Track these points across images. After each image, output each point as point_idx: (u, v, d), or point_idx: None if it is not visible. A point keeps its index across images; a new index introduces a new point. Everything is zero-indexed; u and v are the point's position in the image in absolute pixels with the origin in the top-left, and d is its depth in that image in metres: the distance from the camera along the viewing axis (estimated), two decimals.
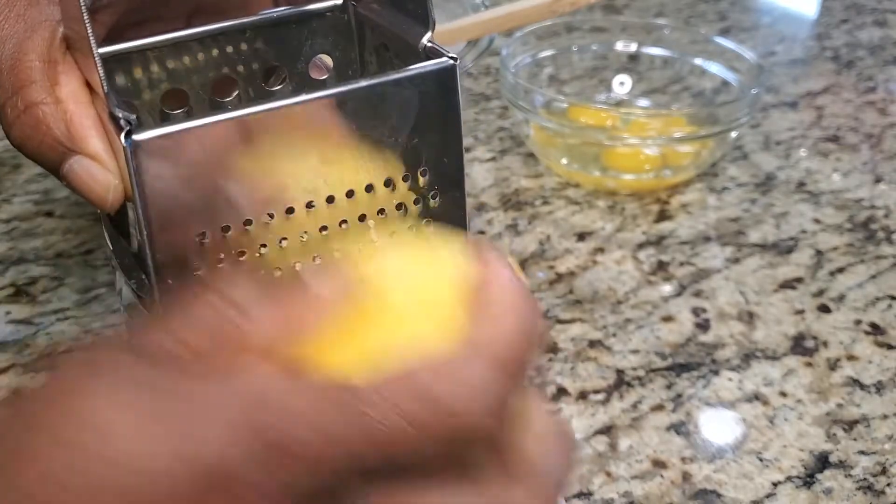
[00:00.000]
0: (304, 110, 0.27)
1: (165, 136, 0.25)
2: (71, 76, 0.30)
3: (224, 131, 0.26)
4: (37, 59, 0.29)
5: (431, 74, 0.28)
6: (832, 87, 0.80)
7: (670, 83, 0.74)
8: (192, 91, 0.33)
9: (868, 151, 0.70)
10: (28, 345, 0.50)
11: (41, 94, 0.29)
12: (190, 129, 0.26)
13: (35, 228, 0.60)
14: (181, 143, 0.26)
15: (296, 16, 0.34)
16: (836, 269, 0.57)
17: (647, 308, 0.53)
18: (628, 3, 0.96)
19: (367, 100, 0.28)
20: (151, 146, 0.25)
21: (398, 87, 0.28)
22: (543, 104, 0.66)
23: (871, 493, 0.42)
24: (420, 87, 0.28)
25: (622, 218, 0.62)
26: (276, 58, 0.34)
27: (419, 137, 0.29)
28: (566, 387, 0.47)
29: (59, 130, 0.29)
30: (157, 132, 0.25)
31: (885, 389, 0.48)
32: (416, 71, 0.28)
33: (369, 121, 0.28)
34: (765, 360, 0.50)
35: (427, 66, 0.28)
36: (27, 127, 0.29)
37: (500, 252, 0.24)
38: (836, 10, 0.97)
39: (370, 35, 0.34)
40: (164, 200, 0.26)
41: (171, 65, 0.33)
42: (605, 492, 0.42)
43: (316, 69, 0.35)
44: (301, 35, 0.34)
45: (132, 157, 0.25)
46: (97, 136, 0.29)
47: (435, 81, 0.28)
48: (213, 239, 0.27)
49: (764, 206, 0.63)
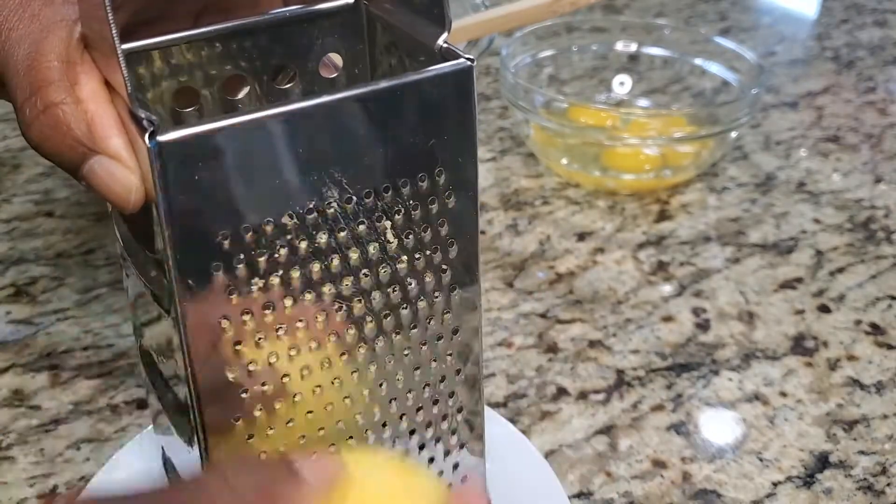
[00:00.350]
0: (330, 109, 0.27)
1: (190, 137, 0.26)
2: (90, 76, 0.30)
3: (248, 131, 0.26)
4: (55, 59, 0.29)
5: (449, 76, 0.28)
6: (832, 88, 0.80)
7: (670, 83, 0.74)
8: (202, 89, 0.33)
9: (868, 151, 0.70)
10: (28, 345, 0.50)
11: (61, 94, 0.29)
12: (213, 129, 0.26)
13: (35, 228, 0.60)
14: (204, 144, 0.26)
15: (307, 14, 0.34)
16: (837, 270, 0.57)
17: (648, 308, 0.53)
18: (628, 3, 0.96)
19: (386, 100, 0.28)
20: (175, 147, 0.25)
21: (417, 89, 0.28)
22: (543, 104, 0.66)
23: (870, 493, 0.42)
24: (438, 88, 0.28)
25: (622, 218, 0.62)
26: (287, 56, 0.34)
27: (436, 138, 0.29)
28: (566, 387, 0.48)
29: (80, 130, 0.29)
30: (183, 133, 0.25)
31: (885, 389, 0.48)
32: (434, 72, 0.28)
33: (388, 121, 0.28)
34: (765, 360, 0.50)
35: (445, 67, 0.28)
36: (46, 127, 0.29)
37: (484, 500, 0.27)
38: (836, 10, 0.97)
39: (381, 34, 0.34)
40: (188, 201, 0.26)
41: (182, 63, 0.33)
42: (605, 492, 0.42)
43: (325, 68, 0.35)
44: (312, 34, 0.34)
45: (156, 159, 0.25)
46: (118, 136, 0.29)
47: (452, 83, 0.29)
48: (235, 240, 0.27)
49: (764, 207, 0.63)
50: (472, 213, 0.31)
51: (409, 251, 0.30)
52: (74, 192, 0.64)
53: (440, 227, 0.30)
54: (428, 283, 0.31)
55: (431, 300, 0.31)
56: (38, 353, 0.49)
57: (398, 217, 0.29)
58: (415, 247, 0.30)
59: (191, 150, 0.26)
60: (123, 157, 0.28)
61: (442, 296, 0.31)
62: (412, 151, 0.29)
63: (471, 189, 0.30)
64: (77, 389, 0.47)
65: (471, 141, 0.30)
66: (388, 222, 0.29)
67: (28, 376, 0.48)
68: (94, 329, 0.51)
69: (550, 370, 0.48)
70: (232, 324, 0.28)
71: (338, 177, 0.28)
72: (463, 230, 0.31)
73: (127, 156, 0.28)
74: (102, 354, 0.49)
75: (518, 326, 0.52)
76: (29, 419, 0.45)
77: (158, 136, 0.25)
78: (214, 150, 0.26)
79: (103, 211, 0.61)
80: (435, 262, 0.31)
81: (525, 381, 0.48)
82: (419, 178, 0.29)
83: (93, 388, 0.47)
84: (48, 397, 0.47)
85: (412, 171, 0.29)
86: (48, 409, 0.46)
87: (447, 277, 0.31)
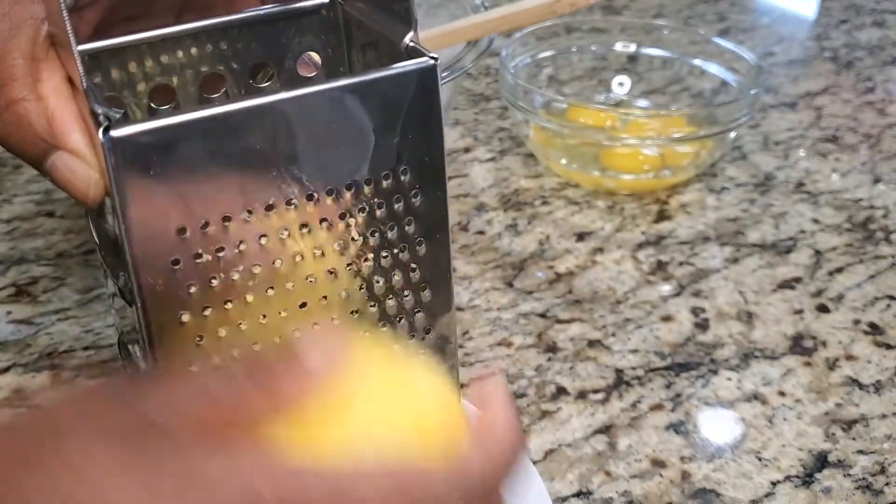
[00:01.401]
0: (284, 107, 0.27)
1: (143, 133, 0.26)
2: (53, 73, 0.30)
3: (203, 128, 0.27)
4: (20, 56, 0.30)
5: (412, 74, 0.29)
6: (831, 88, 0.80)
7: (669, 84, 0.74)
8: (180, 87, 0.34)
9: (867, 152, 0.71)
10: (29, 345, 0.50)
11: (23, 91, 0.30)
12: (168, 125, 0.26)
13: (36, 228, 0.60)
14: (159, 139, 0.26)
15: (284, 13, 0.34)
16: (835, 269, 0.57)
17: (647, 308, 0.53)
18: (628, 4, 0.97)
19: (347, 97, 0.28)
20: (129, 142, 0.26)
21: (378, 86, 0.28)
22: (543, 104, 0.66)
23: (869, 492, 0.42)
24: (401, 86, 0.28)
25: (621, 218, 0.62)
26: (265, 55, 0.34)
27: (400, 136, 0.29)
28: (565, 386, 0.48)
29: (41, 127, 0.29)
30: (135, 128, 0.26)
31: (883, 389, 0.48)
32: (396, 70, 0.28)
33: (350, 118, 0.28)
34: (764, 360, 0.50)
35: (408, 65, 0.29)
36: (9, 124, 0.30)
37: (504, 391, 0.25)
38: (835, 10, 0.97)
39: (357, 34, 0.34)
40: (142, 196, 0.26)
41: (160, 60, 0.33)
42: (604, 491, 0.42)
43: (304, 66, 0.35)
44: (289, 32, 0.34)
45: (110, 153, 0.26)
46: (78, 132, 0.29)
47: (416, 81, 0.29)
48: (193, 235, 0.27)
49: (763, 207, 0.63)
50: (441, 212, 0.31)
51: (375, 249, 0.30)
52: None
53: (407, 226, 0.30)
54: (396, 281, 0.31)
55: (401, 298, 0.31)
56: (39, 353, 0.50)
57: (361, 215, 0.29)
58: (381, 244, 0.30)
59: (144, 146, 0.26)
60: (83, 152, 0.29)
61: (412, 294, 0.31)
62: (375, 149, 0.29)
63: (439, 188, 0.30)
64: None
65: (437, 140, 0.30)
66: (352, 220, 0.29)
67: (29, 376, 0.48)
68: (95, 329, 0.51)
69: (550, 370, 0.49)
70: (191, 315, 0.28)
71: (297, 173, 0.28)
72: (432, 229, 0.31)
73: (87, 151, 0.29)
74: (103, 354, 0.49)
75: (517, 326, 0.52)
76: None
77: (112, 130, 0.25)
78: (167, 145, 0.26)
79: None
80: (403, 261, 0.31)
81: (524, 381, 0.48)
82: (383, 177, 0.29)
83: None
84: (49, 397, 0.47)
85: (375, 169, 0.29)
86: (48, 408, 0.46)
87: (416, 276, 0.31)
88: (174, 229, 0.27)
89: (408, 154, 0.29)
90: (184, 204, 0.27)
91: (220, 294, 0.28)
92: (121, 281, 0.30)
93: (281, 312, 0.30)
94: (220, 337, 0.29)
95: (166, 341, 0.28)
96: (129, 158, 0.26)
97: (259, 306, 0.29)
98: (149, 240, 0.27)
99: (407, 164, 0.30)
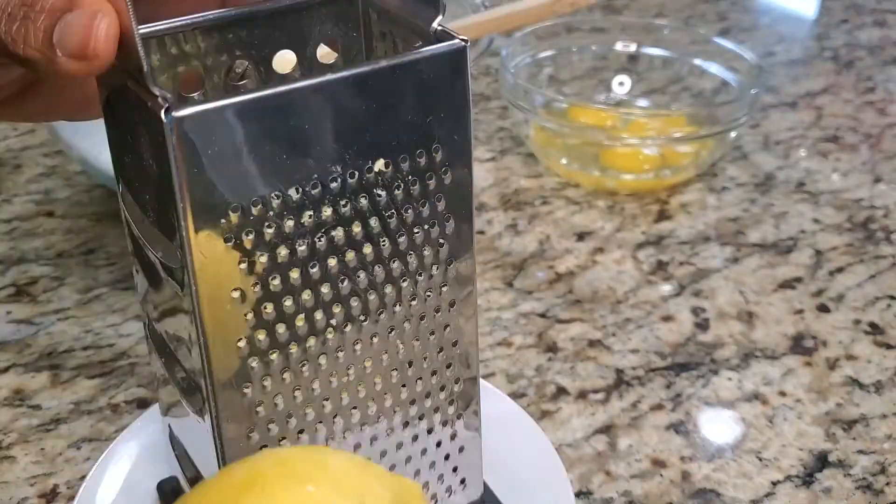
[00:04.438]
0: (333, 87, 0.28)
1: (202, 113, 0.27)
2: None
3: (260, 107, 0.28)
4: None
5: (445, 56, 0.30)
6: (831, 88, 0.80)
7: (670, 83, 0.74)
8: (206, 74, 0.34)
9: (867, 151, 0.71)
10: (29, 345, 0.50)
11: None
12: (223, 106, 0.27)
13: (36, 228, 0.60)
14: (215, 120, 0.27)
15: (305, 3, 0.35)
16: (836, 269, 0.57)
17: (647, 308, 0.53)
18: (628, 4, 0.97)
19: (385, 79, 0.29)
20: (190, 121, 0.26)
21: (415, 68, 0.30)
22: (543, 104, 0.66)
23: (870, 492, 0.42)
24: (434, 67, 0.30)
25: (622, 218, 0.62)
26: (287, 43, 0.35)
27: (433, 115, 0.31)
28: (566, 386, 0.48)
29: None
30: (195, 109, 0.26)
31: (884, 389, 0.48)
32: (430, 52, 0.30)
33: (387, 99, 0.30)
34: (764, 360, 0.50)
35: (441, 47, 0.30)
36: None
37: None
38: (835, 10, 0.97)
39: (375, 22, 0.35)
40: (200, 174, 0.27)
41: (186, 49, 0.34)
42: (604, 491, 0.42)
43: (323, 54, 0.36)
44: (310, 21, 0.36)
45: (171, 133, 0.26)
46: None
47: (447, 62, 0.30)
48: (245, 213, 0.28)
49: (763, 206, 0.63)
50: (467, 189, 0.32)
51: (409, 226, 0.32)
52: (75, 192, 0.64)
53: (437, 203, 0.32)
54: (427, 257, 0.32)
55: (430, 273, 0.33)
56: (39, 353, 0.50)
57: (398, 192, 0.31)
58: (414, 221, 0.32)
59: (203, 126, 0.27)
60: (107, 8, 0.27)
61: (439, 269, 0.33)
62: (410, 129, 0.30)
63: (466, 165, 0.32)
64: (77, 389, 0.47)
65: (465, 118, 0.31)
66: (388, 197, 0.31)
67: (28, 376, 0.48)
68: (95, 329, 0.51)
69: (550, 370, 0.49)
70: (244, 294, 0.29)
71: (341, 152, 0.29)
72: (458, 206, 0.32)
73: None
74: (103, 354, 0.49)
75: (518, 326, 0.52)
76: (29, 419, 0.45)
77: (174, 111, 0.26)
78: (224, 125, 0.27)
79: (104, 211, 0.61)
80: (432, 237, 0.32)
81: (525, 381, 0.48)
82: (417, 155, 0.31)
83: (93, 387, 0.47)
84: (49, 397, 0.47)
85: (410, 147, 0.31)
86: (49, 408, 0.46)
87: (444, 252, 0.33)
88: (230, 207, 0.28)
89: (440, 132, 0.31)
90: (239, 182, 0.28)
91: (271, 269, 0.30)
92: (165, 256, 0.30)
93: None
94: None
95: (217, 314, 0.29)
96: (191, 137, 0.27)
97: None
98: (206, 217, 0.28)
99: (439, 141, 0.31)
